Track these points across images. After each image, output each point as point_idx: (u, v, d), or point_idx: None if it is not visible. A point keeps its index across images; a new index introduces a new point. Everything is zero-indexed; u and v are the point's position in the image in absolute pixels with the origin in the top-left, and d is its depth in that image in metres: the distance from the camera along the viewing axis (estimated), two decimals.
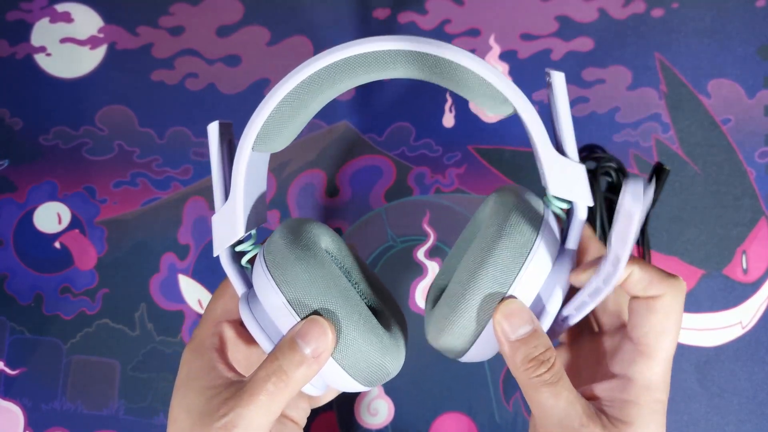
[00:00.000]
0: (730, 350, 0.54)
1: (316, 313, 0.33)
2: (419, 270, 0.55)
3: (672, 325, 0.34)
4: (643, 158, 0.56)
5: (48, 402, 0.55)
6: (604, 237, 0.53)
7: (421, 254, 0.55)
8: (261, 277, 0.35)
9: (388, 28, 0.57)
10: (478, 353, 0.35)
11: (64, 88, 0.57)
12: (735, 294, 0.55)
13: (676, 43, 0.56)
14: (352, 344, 0.34)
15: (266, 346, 0.35)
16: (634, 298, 0.35)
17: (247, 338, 0.38)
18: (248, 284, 0.37)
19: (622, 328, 0.38)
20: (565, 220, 0.36)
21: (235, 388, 0.34)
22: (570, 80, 0.56)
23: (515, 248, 0.33)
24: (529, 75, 0.57)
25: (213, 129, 0.35)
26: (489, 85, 0.33)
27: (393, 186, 0.56)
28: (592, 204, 0.34)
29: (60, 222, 0.56)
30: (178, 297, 0.56)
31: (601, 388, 0.35)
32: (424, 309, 0.39)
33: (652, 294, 0.34)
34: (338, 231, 0.56)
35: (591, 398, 0.35)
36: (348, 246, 0.40)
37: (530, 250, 0.33)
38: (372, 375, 0.35)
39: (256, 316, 0.35)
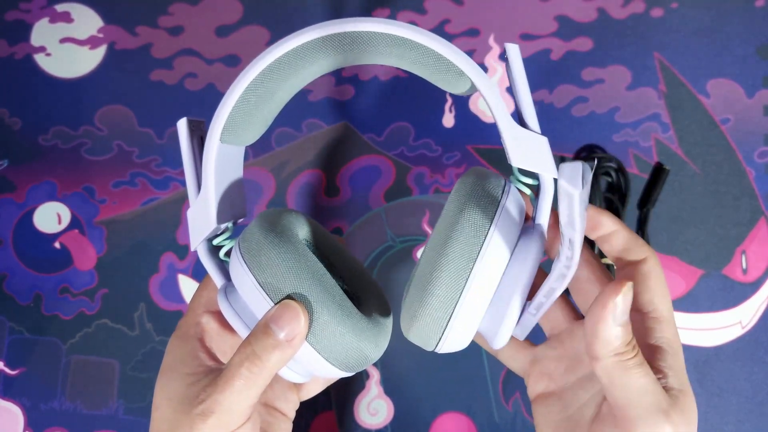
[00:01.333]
0: (730, 350, 0.54)
1: (289, 297, 0.33)
2: None
3: (664, 287, 0.35)
4: (643, 158, 0.56)
5: (47, 402, 0.55)
6: None
7: (420, 254, 0.55)
8: (236, 264, 0.35)
9: None
10: (453, 341, 0.34)
11: (63, 88, 0.57)
12: (734, 294, 0.55)
13: (675, 43, 0.57)
14: (325, 328, 0.33)
15: (243, 333, 0.35)
16: (621, 267, 0.36)
17: (231, 328, 0.38)
18: (227, 277, 0.37)
19: None
20: (533, 198, 0.35)
21: (214, 375, 0.34)
22: (569, 80, 0.56)
23: (474, 224, 0.33)
24: (528, 75, 0.56)
25: (182, 125, 0.35)
26: (442, 58, 0.32)
27: (392, 186, 0.56)
28: (557, 176, 0.32)
29: (60, 222, 0.56)
30: (178, 297, 0.55)
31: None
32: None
33: (637, 257, 0.35)
34: (338, 231, 0.56)
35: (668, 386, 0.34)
36: (332, 237, 0.40)
37: (491, 224, 0.33)
38: (349, 359, 0.35)
39: (234, 306, 0.35)
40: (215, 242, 0.37)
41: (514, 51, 0.34)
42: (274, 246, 0.34)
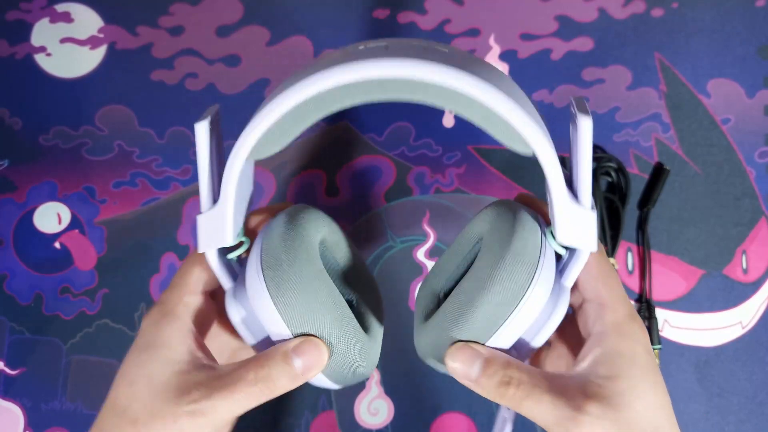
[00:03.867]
0: (730, 350, 0.54)
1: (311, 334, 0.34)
2: (419, 270, 0.55)
3: (606, 274, 0.35)
4: (643, 158, 0.56)
5: (48, 402, 0.55)
6: (604, 236, 0.53)
7: (420, 254, 0.55)
8: (258, 291, 0.34)
9: (388, 28, 0.57)
10: None
11: (64, 88, 0.57)
12: (735, 294, 0.55)
13: (675, 43, 0.56)
14: (340, 360, 0.34)
15: (249, 341, 0.35)
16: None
17: (221, 316, 0.38)
18: (233, 277, 0.36)
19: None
20: (566, 257, 0.35)
21: (209, 375, 0.33)
22: (570, 80, 0.56)
23: (515, 285, 0.33)
24: (528, 75, 0.57)
25: (202, 131, 0.33)
26: (511, 127, 0.30)
27: (393, 186, 0.56)
28: (596, 250, 0.33)
29: (60, 222, 0.56)
30: None
31: (584, 359, 0.34)
32: (415, 312, 0.38)
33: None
34: None
35: (581, 373, 0.34)
36: (343, 236, 0.40)
37: (530, 284, 0.33)
38: (350, 380, 0.36)
39: (241, 313, 0.35)
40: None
41: (586, 126, 0.31)
42: (300, 284, 0.33)
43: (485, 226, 0.36)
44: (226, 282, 0.36)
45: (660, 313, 0.54)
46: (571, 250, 0.35)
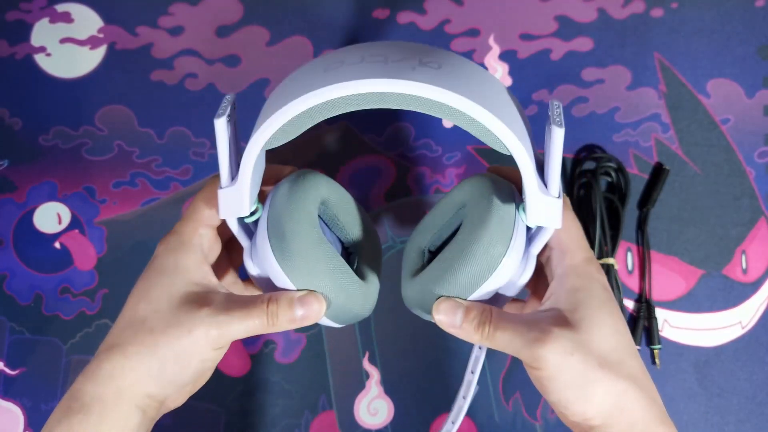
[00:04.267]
0: (730, 350, 0.54)
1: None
2: None
3: (571, 220, 0.40)
4: (643, 158, 0.56)
5: (48, 402, 0.55)
6: (604, 236, 0.53)
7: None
8: (267, 257, 0.39)
9: (388, 28, 0.57)
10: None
11: (64, 88, 0.57)
12: (735, 294, 0.55)
13: (675, 43, 0.57)
14: (339, 307, 0.40)
15: (262, 286, 0.41)
16: None
17: (224, 249, 0.42)
18: (249, 235, 0.41)
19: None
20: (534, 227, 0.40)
21: (225, 297, 0.38)
22: (570, 80, 0.56)
23: (490, 259, 0.38)
24: (528, 75, 0.57)
25: (222, 126, 0.37)
26: (489, 131, 0.36)
27: (392, 186, 0.56)
28: (560, 227, 0.38)
29: (60, 222, 0.56)
30: None
31: (549, 298, 0.39)
32: (403, 266, 0.43)
33: None
34: None
35: (547, 308, 0.39)
36: (344, 194, 0.44)
37: (501, 259, 0.38)
38: (350, 321, 0.41)
39: (255, 268, 0.40)
40: None
41: (558, 135, 0.36)
42: (301, 249, 0.38)
43: (467, 197, 0.41)
44: (244, 241, 0.41)
45: (660, 313, 0.54)
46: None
